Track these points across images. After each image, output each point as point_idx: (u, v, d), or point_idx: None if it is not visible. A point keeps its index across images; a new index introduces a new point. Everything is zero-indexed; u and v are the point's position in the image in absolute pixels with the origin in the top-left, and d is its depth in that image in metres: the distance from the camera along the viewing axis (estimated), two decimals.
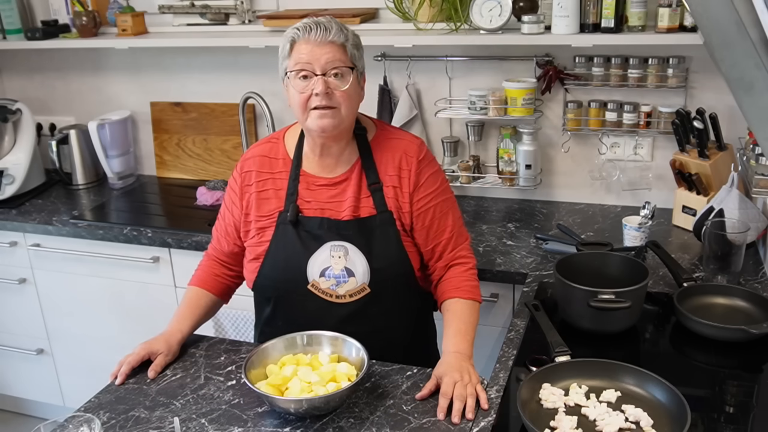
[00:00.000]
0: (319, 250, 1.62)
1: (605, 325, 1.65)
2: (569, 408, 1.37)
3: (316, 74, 1.53)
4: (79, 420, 1.36)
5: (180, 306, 1.74)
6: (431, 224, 1.67)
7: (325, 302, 1.63)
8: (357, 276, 1.62)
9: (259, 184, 1.68)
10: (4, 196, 2.84)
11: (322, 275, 1.62)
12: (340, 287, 1.62)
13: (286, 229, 1.64)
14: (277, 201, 1.66)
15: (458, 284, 1.67)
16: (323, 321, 1.61)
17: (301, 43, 1.55)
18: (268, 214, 1.67)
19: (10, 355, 2.93)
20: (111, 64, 3.05)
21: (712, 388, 1.47)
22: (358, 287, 1.62)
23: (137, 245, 2.50)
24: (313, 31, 1.53)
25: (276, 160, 1.69)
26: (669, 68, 2.27)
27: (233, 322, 2.48)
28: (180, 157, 3.08)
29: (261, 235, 1.67)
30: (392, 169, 1.65)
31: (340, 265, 1.61)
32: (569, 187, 2.57)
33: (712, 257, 1.86)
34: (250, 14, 2.76)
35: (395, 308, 1.69)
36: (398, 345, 1.70)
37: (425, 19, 2.43)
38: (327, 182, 1.65)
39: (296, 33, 1.55)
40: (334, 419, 1.41)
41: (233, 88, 2.86)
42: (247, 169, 1.70)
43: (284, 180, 1.67)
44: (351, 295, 1.63)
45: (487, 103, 2.45)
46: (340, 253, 1.61)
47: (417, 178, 1.65)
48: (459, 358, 1.51)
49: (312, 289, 1.63)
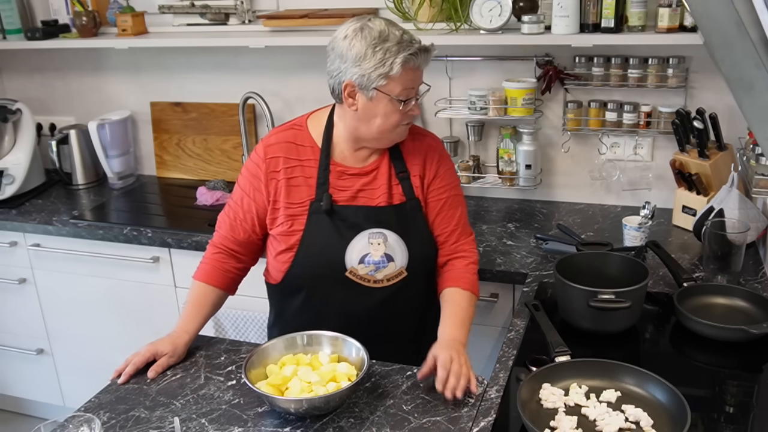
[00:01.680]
0: (356, 238, 1.64)
1: (605, 325, 1.65)
2: (569, 408, 1.37)
3: (415, 98, 1.59)
4: (79, 420, 1.36)
5: (187, 305, 1.72)
6: (439, 213, 1.73)
7: (361, 287, 1.66)
8: (396, 261, 1.66)
9: (288, 171, 1.67)
10: (4, 196, 2.84)
11: (361, 262, 1.64)
12: (379, 272, 1.65)
13: (319, 219, 1.64)
14: (307, 189, 1.66)
15: (459, 276, 1.72)
16: (359, 306, 1.66)
17: (410, 70, 1.55)
18: (299, 202, 1.66)
19: (10, 355, 2.93)
20: (111, 64, 3.05)
21: (712, 388, 1.47)
22: (396, 271, 1.67)
23: (137, 245, 2.50)
24: (422, 56, 1.55)
25: (303, 147, 1.68)
26: (669, 68, 2.27)
27: (233, 322, 2.48)
28: (180, 157, 3.08)
29: (291, 224, 1.66)
30: (418, 161, 1.72)
31: (379, 252, 1.65)
32: (569, 187, 2.57)
33: (712, 257, 1.86)
34: (250, 14, 2.76)
35: (428, 290, 1.76)
36: (430, 325, 1.72)
37: (425, 19, 2.43)
38: (359, 171, 1.68)
39: (412, 58, 1.53)
40: (334, 419, 1.41)
41: (233, 88, 2.86)
42: (273, 154, 1.68)
43: (313, 168, 1.66)
44: (388, 279, 1.67)
45: (487, 103, 2.45)
46: (379, 240, 1.64)
47: (437, 169, 1.73)
48: (455, 343, 1.56)
49: (349, 275, 1.65)
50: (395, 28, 1.55)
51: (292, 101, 2.82)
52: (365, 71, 1.53)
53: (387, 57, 1.52)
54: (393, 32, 1.54)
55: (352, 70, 1.54)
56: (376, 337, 1.63)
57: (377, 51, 1.52)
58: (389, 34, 1.53)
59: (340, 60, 1.56)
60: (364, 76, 1.54)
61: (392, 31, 1.54)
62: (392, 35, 1.53)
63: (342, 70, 1.56)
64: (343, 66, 1.56)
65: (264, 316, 2.41)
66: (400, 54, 1.52)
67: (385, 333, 1.70)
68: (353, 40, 1.54)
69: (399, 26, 1.57)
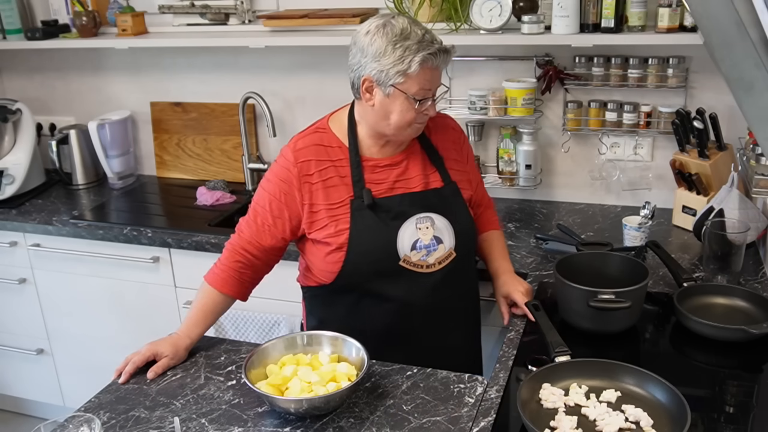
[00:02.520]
0: (404, 225, 1.65)
1: (605, 325, 1.65)
2: (569, 408, 1.37)
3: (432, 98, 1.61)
4: (79, 420, 1.36)
5: (194, 308, 1.69)
6: (478, 187, 1.87)
7: (416, 275, 1.67)
8: (445, 242, 1.68)
9: (322, 173, 1.66)
10: (4, 196, 2.84)
11: (413, 248, 1.65)
12: (431, 256, 1.67)
13: (364, 215, 1.64)
14: (345, 188, 1.66)
15: (489, 219, 1.94)
16: (417, 293, 1.67)
17: (428, 69, 1.55)
18: (339, 202, 1.65)
19: (10, 355, 2.93)
20: (111, 64, 3.05)
21: (712, 388, 1.47)
22: (446, 253, 1.68)
23: (137, 245, 2.50)
24: (441, 57, 1.55)
25: (332, 148, 1.68)
26: (669, 68, 2.27)
27: (233, 322, 2.48)
28: (180, 157, 3.08)
29: (336, 224, 1.64)
30: (450, 144, 1.78)
31: (428, 235, 1.66)
32: (569, 187, 2.57)
33: (712, 257, 1.86)
34: (250, 14, 2.76)
35: (474, 270, 1.84)
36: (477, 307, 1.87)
37: (425, 19, 2.42)
38: (390, 162, 1.69)
39: (431, 58, 1.53)
40: (334, 419, 1.41)
41: (233, 88, 2.86)
42: (305, 158, 1.66)
43: (345, 167, 1.67)
44: (440, 262, 1.68)
45: (487, 103, 2.45)
46: (427, 224, 1.66)
47: (467, 150, 1.84)
48: (514, 276, 1.82)
49: (404, 264, 1.65)
50: (418, 27, 1.56)
51: (292, 101, 2.82)
52: (384, 67, 1.54)
53: (406, 55, 1.52)
54: (415, 31, 1.54)
55: (371, 65, 1.55)
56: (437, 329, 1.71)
57: (397, 48, 1.53)
58: (411, 33, 1.54)
59: (360, 54, 1.57)
60: (383, 72, 1.54)
61: (414, 30, 1.54)
62: (414, 34, 1.54)
63: (362, 64, 1.57)
64: (363, 60, 1.57)
65: (264, 317, 2.42)
66: (420, 53, 1.52)
67: (445, 323, 1.73)
68: (375, 36, 1.54)
69: (422, 26, 1.57)
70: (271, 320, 2.41)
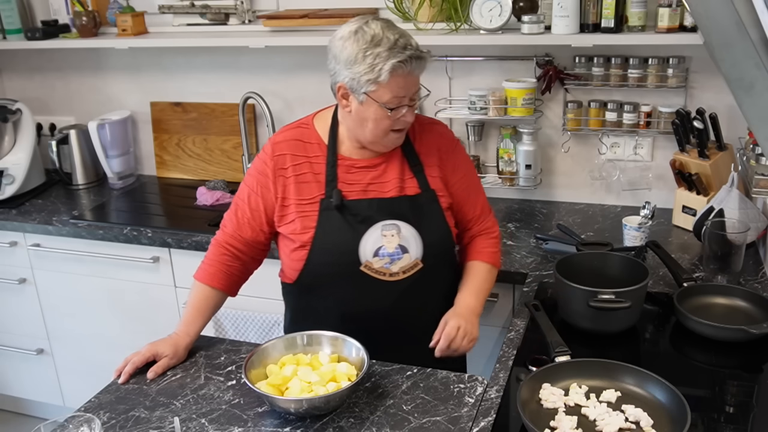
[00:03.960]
0: (369, 231, 1.62)
1: (605, 325, 1.65)
2: (569, 408, 1.37)
3: (407, 105, 1.57)
4: (79, 420, 1.36)
5: (188, 307, 1.71)
6: (466, 202, 1.76)
7: (378, 281, 1.64)
8: (411, 252, 1.64)
9: (296, 168, 1.66)
10: (4, 196, 2.84)
11: (376, 255, 1.63)
12: (394, 264, 1.63)
13: (331, 215, 1.63)
14: (317, 186, 1.65)
15: (481, 249, 1.78)
16: (377, 300, 1.65)
17: (400, 77, 1.52)
18: (309, 198, 1.65)
19: (10, 355, 2.93)
20: (111, 64, 3.05)
21: (712, 388, 1.47)
22: (411, 263, 1.65)
23: (137, 245, 2.50)
24: (411, 65, 1.51)
25: (310, 144, 1.68)
26: (669, 68, 2.27)
27: (233, 322, 2.48)
28: (180, 157, 3.08)
29: (303, 220, 1.65)
30: (433, 152, 1.71)
31: (393, 243, 1.63)
32: (569, 187, 2.57)
33: (712, 257, 1.86)
34: (250, 14, 2.76)
35: (444, 282, 1.75)
36: None
37: (425, 19, 2.43)
38: (367, 164, 1.66)
39: (401, 66, 1.50)
40: (334, 419, 1.41)
41: (233, 88, 2.86)
42: (280, 152, 1.67)
43: (321, 164, 1.66)
44: (404, 272, 1.65)
45: (487, 103, 2.45)
46: (392, 232, 1.63)
47: (455, 160, 1.74)
48: (467, 311, 1.64)
49: (365, 269, 1.63)
50: (392, 31, 1.52)
51: (292, 101, 2.82)
52: (355, 75, 1.52)
53: (376, 62, 1.49)
54: (387, 36, 1.50)
55: (344, 73, 1.54)
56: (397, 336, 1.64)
57: (367, 56, 1.50)
58: (382, 39, 1.50)
59: (335, 61, 1.56)
60: (354, 80, 1.52)
61: (387, 35, 1.50)
62: (385, 40, 1.50)
63: (336, 71, 1.56)
64: (337, 67, 1.56)
65: (264, 317, 2.42)
66: (389, 60, 1.49)
67: (406, 332, 1.68)
68: (347, 42, 1.52)
69: (397, 29, 1.54)
70: (271, 320, 2.41)
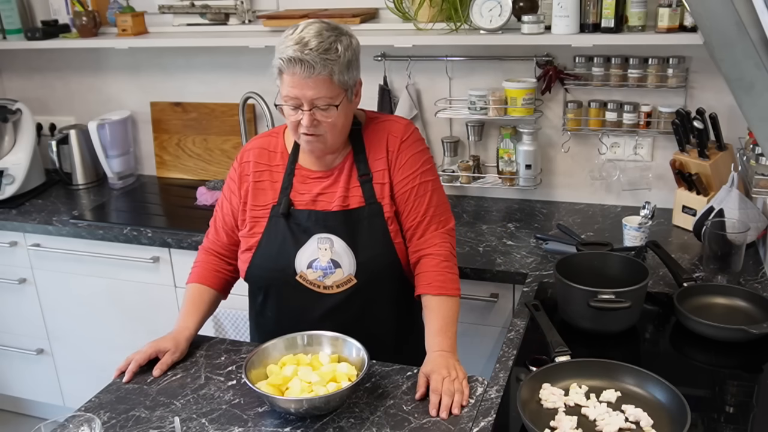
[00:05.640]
0: (307, 243, 1.64)
1: (605, 325, 1.65)
2: (569, 408, 1.37)
3: (302, 108, 1.53)
4: (80, 420, 1.36)
5: (184, 305, 1.74)
6: (406, 205, 1.66)
7: (313, 293, 1.66)
8: (343, 267, 1.64)
9: (256, 175, 1.71)
10: (4, 196, 2.84)
11: (310, 267, 1.64)
12: (327, 278, 1.64)
13: (277, 222, 1.66)
14: (272, 193, 1.69)
15: (429, 280, 1.62)
16: (311, 311, 1.66)
17: (288, 75, 1.52)
18: (263, 205, 1.69)
19: (10, 355, 2.93)
20: (111, 64, 3.05)
21: (712, 388, 1.47)
22: (344, 278, 1.65)
23: (137, 245, 2.50)
24: (297, 67, 1.48)
25: (275, 153, 1.72)
26: (669, 68, 2.27)
27: (233, 322, 2.48)
28: (180, 157, 3.08)
29: (254, 225, 1.69)
30: (381, 152, 1.66)
31: (326, 257, 1.64)
32: (569, 187, 2.57)
33: (712, 257, 1.86)
34: (250, 14, 2.76)
35: (382, 299, 1.70)
36: (386, 336, 1.71)
37: (425, 19, 2.43)
38: (321, 175, 1.68)
39: (281, 64, 1.51)
40: (334, 419, 1.41)
41: (233, 88, 2.86)
42: (246, 159, 1.73)
43: (281, 173, 1.69)
44: (338, 286, 1.65)
45: (487, 103, 2.45)
46: (326, 245, 1.64)
47: (398, 158, 1.65)
48: (444, 356, 1.52)
49: (300, 280, 1.66)
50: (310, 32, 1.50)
51: None
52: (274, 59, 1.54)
53: (276, 52, 1.53)
54: (302, 35, 1.50)
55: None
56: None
57: (279, 45, 1.53)
58: (294, 34, 1.51)
59: None
60: (275, 66, 1.55)
61: (303, 34, 1.50)
62: (296, 37, 1.50)
63: None
64: None
65: None
66: (281, 53, 1.50)
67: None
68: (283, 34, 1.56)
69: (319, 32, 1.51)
70: None
